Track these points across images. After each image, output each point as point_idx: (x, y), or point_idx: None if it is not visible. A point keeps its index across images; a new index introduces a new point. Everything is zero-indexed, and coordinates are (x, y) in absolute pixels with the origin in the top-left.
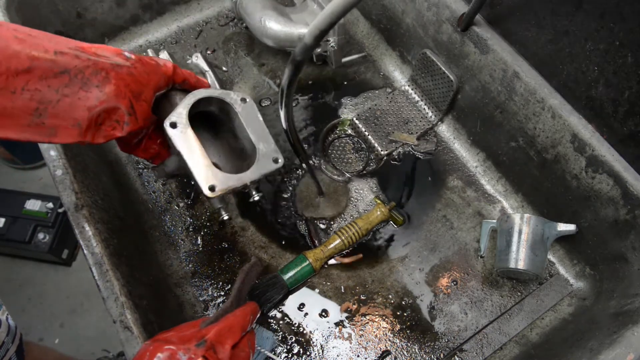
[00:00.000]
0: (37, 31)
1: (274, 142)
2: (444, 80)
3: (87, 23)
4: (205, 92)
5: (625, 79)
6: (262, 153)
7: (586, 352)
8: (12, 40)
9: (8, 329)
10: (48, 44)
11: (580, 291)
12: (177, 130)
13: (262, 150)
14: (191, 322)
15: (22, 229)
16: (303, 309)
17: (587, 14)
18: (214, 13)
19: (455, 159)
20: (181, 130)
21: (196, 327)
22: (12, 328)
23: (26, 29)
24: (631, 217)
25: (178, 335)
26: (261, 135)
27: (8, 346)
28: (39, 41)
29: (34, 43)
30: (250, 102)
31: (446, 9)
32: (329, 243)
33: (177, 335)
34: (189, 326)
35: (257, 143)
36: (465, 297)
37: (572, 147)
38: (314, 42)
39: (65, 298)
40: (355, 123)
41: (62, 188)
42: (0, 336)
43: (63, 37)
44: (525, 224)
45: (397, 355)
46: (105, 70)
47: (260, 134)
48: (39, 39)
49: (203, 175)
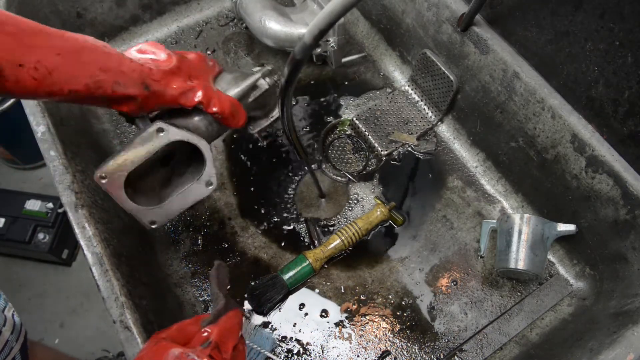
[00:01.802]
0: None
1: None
2: (444, 81)
3: (87, 23)
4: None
5: (625, 79)
6: (202, 179)
7: (586, 352)
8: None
9: (13, 326)
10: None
11: (580, 291)
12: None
13: (203, 177)
14: (189, 320)
15: (22, 229)
16: (303, 309)
17: (587, 14)
18: (214, 13)
19: (455, 159)
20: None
21: (196, 325)
22: (17, 325)
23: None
24: (631, 217)
25: (180, 334)
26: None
27: (12, 344)
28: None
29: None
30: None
31: (446, 9)
32: (329, 243)
33: (178, 334)
34: (188, 324)
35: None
36: (465, 297)
37: (572, 147)
38: (313, 41)
39: (65, 298)
40: (355, 123)
41: (62, 188)
42: (5, 334)
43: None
44: (525, 224)
45: (397, 355)
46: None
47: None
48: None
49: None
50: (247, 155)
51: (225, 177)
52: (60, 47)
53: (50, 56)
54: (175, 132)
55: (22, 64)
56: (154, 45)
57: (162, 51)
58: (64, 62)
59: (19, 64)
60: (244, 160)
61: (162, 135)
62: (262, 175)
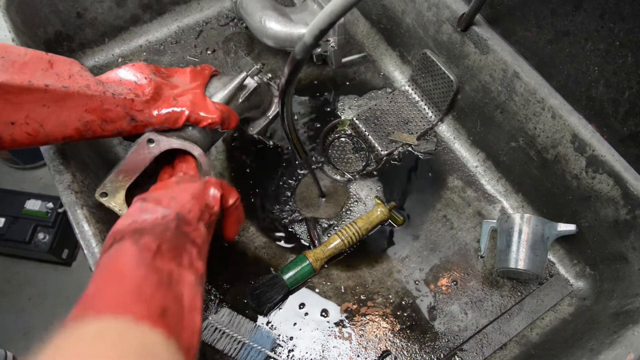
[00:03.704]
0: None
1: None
2: (444, 81)
3: (87, 23)
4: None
5: (625, 79)
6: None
7: (586, 352)
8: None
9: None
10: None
11: (580, 291)
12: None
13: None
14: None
15: (22, 229)
16: (303, 309)
17: (587, 14)
18: (214, 13)
19: (455, 159)
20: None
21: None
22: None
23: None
24: (631, 217)
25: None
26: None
27: None
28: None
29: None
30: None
31: (446, 9)
32: (329, 243)
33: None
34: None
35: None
36: (465, 297)
37: (572, 147)
38: (313, 41)
39: (66, 298)
40: (355, 123)
41: (62, 188)
42: None
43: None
44: (525, 224)
45: (397, 355)
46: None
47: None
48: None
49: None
50: (248, 155)
51: (226, 177)
52: (44, 99)
53: (37, 109)
54: (166, 141)
55: (14, 122)
56: (139, 68)
57: (144, 75)
58: (51, 112)
59: (10, 122)
60: (244, 160)
61: (153, 146)
62: (262, 175)
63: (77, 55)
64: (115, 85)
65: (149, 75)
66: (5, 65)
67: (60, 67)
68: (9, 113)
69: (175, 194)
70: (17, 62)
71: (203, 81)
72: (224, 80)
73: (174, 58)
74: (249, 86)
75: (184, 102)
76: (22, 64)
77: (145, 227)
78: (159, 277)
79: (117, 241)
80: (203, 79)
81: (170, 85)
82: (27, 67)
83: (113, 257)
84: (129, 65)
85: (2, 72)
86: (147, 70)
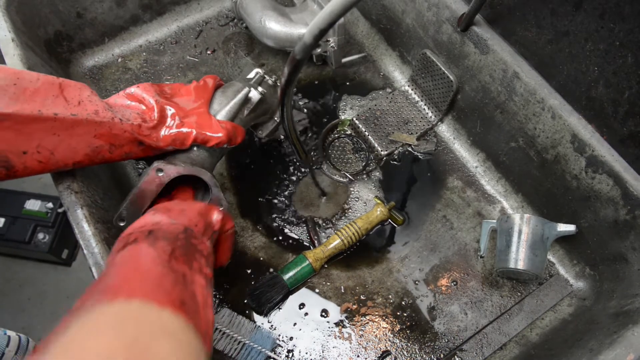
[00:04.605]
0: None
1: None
2: (444, 81)
3: (87, 23)
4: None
5: (625, 79)
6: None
7: (586, 352)
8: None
9: (18, 344)
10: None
11: (580, 291)
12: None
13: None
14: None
15: (22, 229)
16: (303, 309)
17: (587, 14)
18: (214, 13)
19: (455, 159)
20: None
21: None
22: (23, 343)
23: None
24: (631, 217)
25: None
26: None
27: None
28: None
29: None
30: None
31: (446, 9)
32: (328, 243)
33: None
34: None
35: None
36: (465, 297)
37: (572, 148)
38: (313, 41)
39: (65, 298)
40: (355, 123)
41: (62, 188)
42: (8, 355)
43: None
44: (525, 224)
45: (397, 355)
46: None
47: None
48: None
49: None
50: (248, 155)
51: (226, 177)
52: (54, 127)
53: (47, 137)
54: (173, 170)
55: (26, 151)
56: (145, 89)
57: (150, 97)
58: (61, 140)
59: (22, 152)
60: (244, 160)
61: (163, 175)
62: (262, 175)
63: (77, 55)
64: (124, 110)
65: (155, 97)
66: (17, 94)
67: (70, 93)
68: (21, 143)
69: (184, 207)
70: (29, 89)
71: (207, 97)
72: (228, 93)
73: (174, 58)
74: (253, 99)
75: (189, 123)
76: (34, 91)
77: (158, 231)
78: (175, 276)
79: (130, 243)
80: (207, 95)
81: (175, 106)
82: (38, 95)
83: (133, 255)
84: (135, 87)
85: (13, 101)
86: (152, 91)
